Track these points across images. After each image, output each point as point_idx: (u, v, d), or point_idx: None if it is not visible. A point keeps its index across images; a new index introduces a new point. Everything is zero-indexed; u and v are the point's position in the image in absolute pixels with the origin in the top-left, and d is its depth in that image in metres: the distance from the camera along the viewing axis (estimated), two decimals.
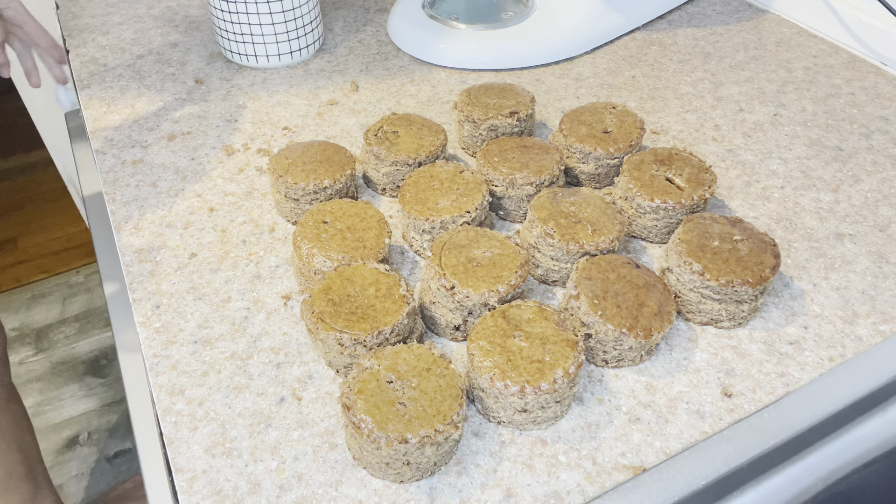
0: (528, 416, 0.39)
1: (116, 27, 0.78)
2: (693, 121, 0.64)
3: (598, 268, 0.43)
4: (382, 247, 0.46)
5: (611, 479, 0.38)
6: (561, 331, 0.40)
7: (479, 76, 0.71)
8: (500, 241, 0.45)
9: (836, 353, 0.44)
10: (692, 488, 0.38)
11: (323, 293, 0.42)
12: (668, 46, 0.74)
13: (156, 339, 0.45)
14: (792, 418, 0.41)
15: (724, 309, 0.44)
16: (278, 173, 0.51)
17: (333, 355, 0.41)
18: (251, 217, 0.54)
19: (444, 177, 0.51)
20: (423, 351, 0.39)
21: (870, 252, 0.51)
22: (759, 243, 0.45)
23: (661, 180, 0.50)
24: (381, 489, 0.37)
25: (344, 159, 0.53)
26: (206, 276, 0.49)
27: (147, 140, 0.62)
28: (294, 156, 0.52)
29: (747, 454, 0.39)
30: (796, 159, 0.59)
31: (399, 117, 0.57)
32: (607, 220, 0.47)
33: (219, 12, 0.67)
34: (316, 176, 0.51)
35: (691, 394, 0.42)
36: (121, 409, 1.43)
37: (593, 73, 0.71)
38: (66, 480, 1.30)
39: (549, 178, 0.51)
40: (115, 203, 0.55)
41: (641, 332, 0.40)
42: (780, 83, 0.68)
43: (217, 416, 0.41)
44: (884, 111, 0.64)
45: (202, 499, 0.37)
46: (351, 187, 0.54)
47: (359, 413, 0.35)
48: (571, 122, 0.56)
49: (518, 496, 0.37)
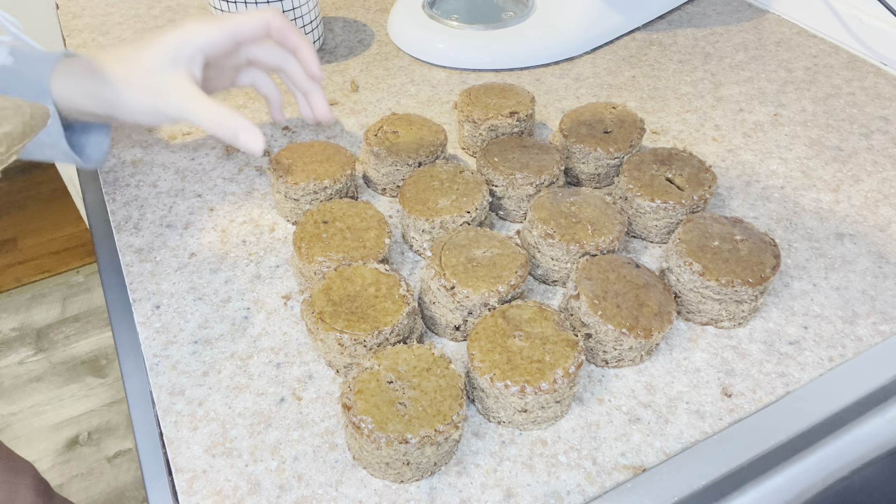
0: (528, 416, 0.39)
1: (116, 27, 0.78)
2: (693, 121, 0.64)
3: (598, 268, 0.43)
4: (382, 247, 0.46)
5: (611, 479, 0.38)
6: (561, 331, 0.40)
7: (479, 76, 0.71)
8: (500, 241, 0.45)
9: (836, 353, 0.44)
10: (692, 488, 0.38)
11: (323, 293, 0.42)
12: (668, 46, 0.74)
13: (156, 339, 0.45)
14: (792, 418, 0.41)
15: (724, 309, 0.44)
16: (278, 173, 0.51)
17: (333, 355, 0.41)
18: (251, 217, 0.54)
19: (444, 177, 0.51)
20: (423, 351, 0.39)
21: (870, 252, 0.51)
22: (759, 243, 0.45)
23: (661, 180, 0.50)
24: (381, 489, 0.37)
25: (344, 159, 0.53)
26: (206, 276, 0.49)
27: (147, 140, 0.62)
28: (294, 156, 0.53)
29: (747, 454, 0.39)
30: (796, 159, 0.59)
31: (399, 117, 0.57)
32: (607, 220, 0.47)
33: (219, 12, 0.67)
34: (316, 176, 0.51)
35: (691, 394, 0.42)
36: (121, 409, 1.43)
37: (593, 73, 0.71)
38: (67, 480, 1.30)
39: (549, 178, 0.51)
40: (115, 203, 0.55)
41: (641, 332, 0.40)
42: (780, 83, 0.68)
43: (217, 416, 0.41)
44: (884, 111, 0.64)
45: (202, 499, 0.37)
46: (351, 187, 0.54)
47: (359, 413, 0.35)
48: (571, 122, 0.56)
49: (518, 496, 0.37)
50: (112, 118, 0.49)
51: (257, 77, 0.55)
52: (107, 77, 0.46)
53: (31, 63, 0.46)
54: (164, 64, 0.46)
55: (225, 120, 0.46)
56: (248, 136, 0.46)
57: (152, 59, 0.46)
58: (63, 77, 0.47)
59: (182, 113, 0.47)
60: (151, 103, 0.47)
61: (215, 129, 0.46)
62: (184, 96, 0.46)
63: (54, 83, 0.46)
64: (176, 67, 0.47)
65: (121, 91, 0.47)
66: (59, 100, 0.46)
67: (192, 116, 0.47)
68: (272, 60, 0.52)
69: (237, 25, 0.49)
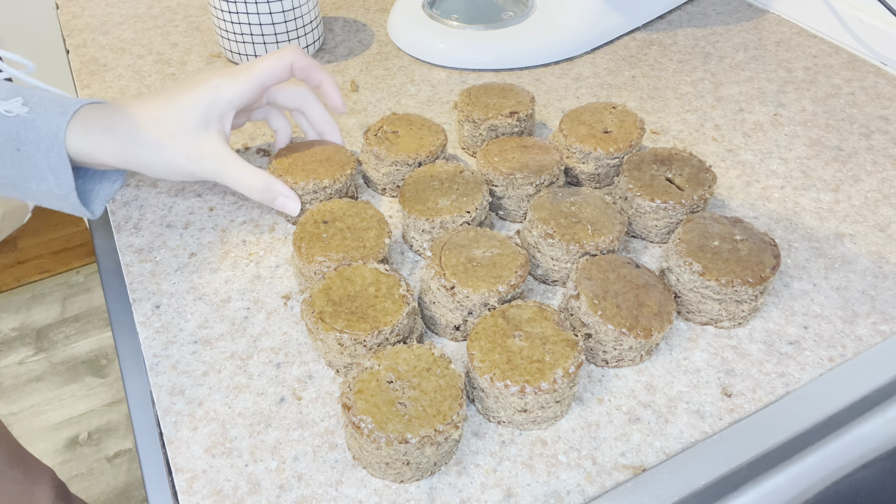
0: (528, 416, 0.39)
1: (116, 27, 0.78)
2: (693, 121, 0.64)
3: (598, 268, 0.43)
4: (382, 247, 0.46)
5: (611, 479, 0.38)
6: (561, 331, 0.40)
7: (479, 76, 0.71)
8: (500, 241, 0.45)
9: (836, 353, 0.44)
10: (692, 488, 0.38)
11: (323, 293, 0.42)
12: (668, 46, 0.74)
13: (156, 339, 0.45)
14: (792, 418, 0.41)
15: (724, 309, 0.44)
16: (278, 173, 0.51)
17: (333, 355, 0.41)
18: (251, 217, 0.54)
19: (444, 177, 0.51)
20: (423, 351, 0.39)
21: (870, 252, 0.51)
22: (759, 243, 0.45)
23: (661, 180, 0.50)
24: (381, 489, 0.37)
25: (344, 159, 0.53)
26: (206, 276, 0.49)
27: None
28: (294, 155, 0.53)
29: (747, 454, 0.39)
30: (796, 159, 0.59)
31: (399, 117, 0.57)
32: (607, 220, 0.47)
33: (219, 12, 0.67)
34: (316, 175, 0.51)
35: (691, 394, 0.42)
36: (121, 409, 1.43)
37: (593, 73, 0.71)
38: (66, 480, 1.30)
39: (549, 178, 0.51)
40: (115, 203, 0.55)
41: (641, 332, 0.40)
42: (780, 83, 0.68)
43: (217, 416, 0.41)
44: (884, 111, 0.64)
45: (202, 499, 0.37)
46: (351, 187, 0.54)
47: (359, 413, 0.35)
48: (571, 122, 0.56)
49: (518, 496, 0.37)
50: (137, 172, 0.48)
51: (269, 112, 0.56)
52: (134, 138, 0.46)
53: (47, 114, 0.45)
54: (196, 126, 0.46)
55: (262, 184, 0.48)
56: (286, 202, 0.49)
57: (184, 122, 0.46)
58: (82, 131, 0.45)
59: (216, 175, 0.48)
60: (184, 166, 0.47)
61: (252, 192, 0.48)
62: (218, 160, 0.47)
63: (72, 137, 0.45)
64: (208, 129, 0.47)
65: (152, 154, 0.46)
66: (77, 154, 0.45)
67: (229, 179, 0.48)
68: (292, 103, 0.54)
69: (263, 74, 0.49)
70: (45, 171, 0.45)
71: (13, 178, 0.45)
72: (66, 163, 0.44)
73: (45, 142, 0.44)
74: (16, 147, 0.44)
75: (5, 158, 0.44)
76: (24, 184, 0.45)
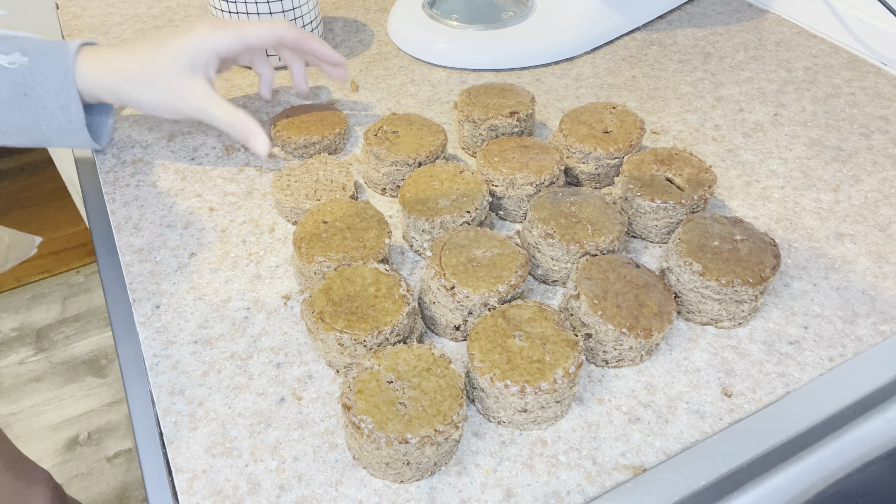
0: (528, 416, 0.39)
1: (116, 27, 0.78)
2: (693, 121, 0.64)
3: (598, 268, 0.43)
4: (382, 247, 0.46)
5: (611, 479, 0.38)
6: (561, 331, 0.40)
7: (479, 76, 0.71)
8: (500, 241, 0.45)
9: (836, 353, 0.44)
10: (692, 488, 0.38)
11: (323, 293, 0.42)
12: (668, 46, 0.74)
13: (156, 339, 0.45)
14: (792, 418, 0.41)
15: (724, 309, 0.44)
16: (277, 129, 0.58)
17: (333, 355, 0.41)
18: (251, 217, 0.54)
19: (444, 177, 0.51)
20: (423, 351, 0.39)
21: (870, 252, 0.51)
22: (759, 243, 0.45)
23: (661, 180, 0.50)
24: (381, 489, 0.37)
25: (336, 120, 0.59)
26: (206, 276, 0.49)
27: (147, 140, 0.62)
28: (295, 117, 0.60)
29: (747, 454, 0.39)
30: (796, 159, 0.59)
31: (399, 117, 0.57)
32: (607, 220, 0.47)
33: (219, 12, 0.67)
34: (307, 132, 0.58)
35: (691, 394, 0.42)
36: (121, 410, 1.43)
37: (593, 73, 0.71)
38: (66, 481, 1.30)
39: (549, 178, 0.51)
40: (115, 203, 0.55)
41: (641, 332, 0.40)
42: (780, 83, 0.68)
43: (217, 416, 0.41)
44: (884, 111, 0.64)
45: (202, 499, 0.37)
46: (340, 144, 0.60)
47: (359, 413, 0.35)
48: (571, 122, 0.56)
49: (518, 496, 0.37)
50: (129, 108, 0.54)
51: (255, 58, 0.60)
52: (129, 78, 0.51)
53: (48, 58, 0.49)
54: (184, 69, 0.51)
55: (240, 123, 0.52)
56: (257, 140, 0.53)
57: (173, 65, 0.51)
58: (84, 69, 0.50)
59: (201, 113, 0.52)
60: (173, 105, 0.52)
61: (231, 130, 0.53)
62: (203, 100, 0.52)
63: (78, 75, 0.49)
64: (195, 72, 0.52)
65: (144, 92, 0.51)
66: (81, 91, 0.50)
67: (211, 118, 0.52)
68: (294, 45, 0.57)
69: (250, 36, 0.53)
70: (55, 111, 0.49)
71: (22, 123, 0.49)
72: (77, 100, 0.50)
73: (53, 84, 0.49)
74: (23, 93, 0.48)
75: (13, 106, 0.48)
76: (35, 127, 0.50)
